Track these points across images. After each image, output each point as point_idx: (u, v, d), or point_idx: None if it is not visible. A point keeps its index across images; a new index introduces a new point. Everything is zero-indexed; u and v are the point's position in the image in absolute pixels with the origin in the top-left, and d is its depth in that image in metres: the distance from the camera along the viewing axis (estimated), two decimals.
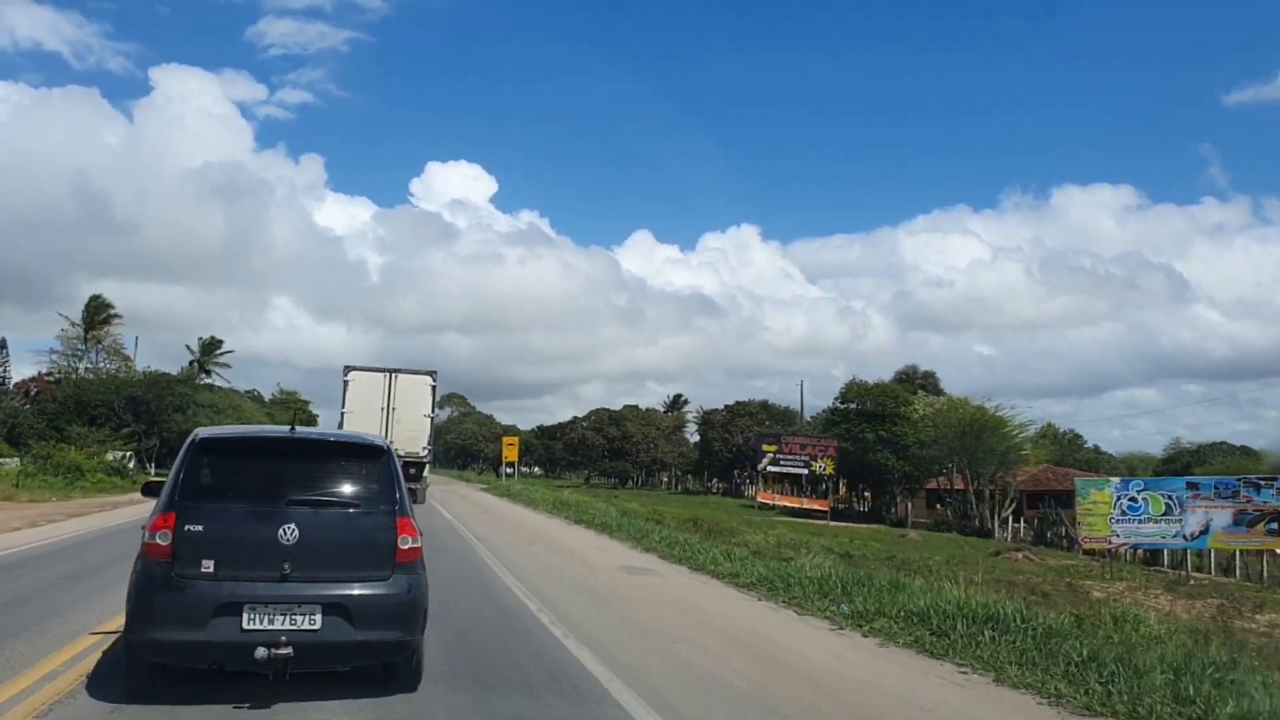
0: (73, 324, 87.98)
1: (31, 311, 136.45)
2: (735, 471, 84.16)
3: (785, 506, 44.09)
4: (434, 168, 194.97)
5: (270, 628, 6.53)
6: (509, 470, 54.54)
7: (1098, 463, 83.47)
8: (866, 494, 72.95)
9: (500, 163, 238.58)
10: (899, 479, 60.57)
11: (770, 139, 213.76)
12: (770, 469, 35.81)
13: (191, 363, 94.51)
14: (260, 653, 6.40)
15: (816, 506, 32.36)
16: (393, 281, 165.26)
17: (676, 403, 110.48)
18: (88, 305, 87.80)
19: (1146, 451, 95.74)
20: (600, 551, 19.27)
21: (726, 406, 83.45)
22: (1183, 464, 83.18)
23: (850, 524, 57.49)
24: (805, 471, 35.21)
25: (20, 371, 79.74)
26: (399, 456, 25.32)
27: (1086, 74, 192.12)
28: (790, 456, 34.75)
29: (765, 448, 35.06)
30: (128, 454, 56.01)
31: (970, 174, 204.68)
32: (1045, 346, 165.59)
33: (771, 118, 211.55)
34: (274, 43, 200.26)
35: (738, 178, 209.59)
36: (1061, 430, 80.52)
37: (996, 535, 51.95)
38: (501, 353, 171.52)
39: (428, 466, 34.16)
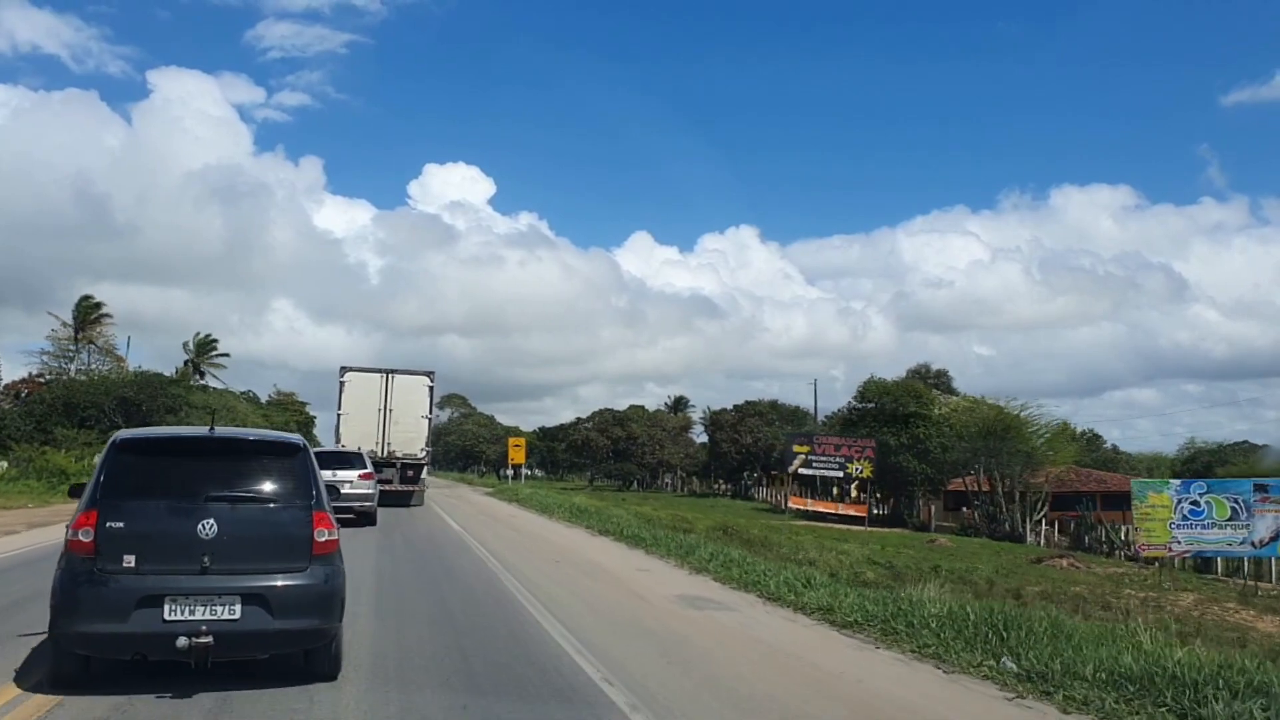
0: (64, 324, 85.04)
1: (33, 315, 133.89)
2: (745, 473, 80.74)
3: (818, 512, 40.37)
4: (432, 169, 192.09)
5: (191, 618, 6.71)
6: (514, 473, 50.98)
7: (1116, 462, 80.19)
8: (877, 496, 69.62)
9: (499, 164, 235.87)
10: (921, 481, 57.17)
11: (768, 140, 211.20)
12: (802, 471, 32.16)
13: (186, 362, 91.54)
14: (181, 642, 6.57)
15: (853, 512, 29.05)
16: (392, 283, 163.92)
17: (679, 404, 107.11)
18: (78, 305, 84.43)
19: (1157, 451, 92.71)
20: (644, 574, 15.79)
21: (735, 406, 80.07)
22: (1202, 464, 79.98)
23: (872, 529, 54.10)
24: (840, 474, 31.64)
25: (14, 374, 76.32)
26: (397, 458, 27.19)
27: (1084, 75, 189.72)
28: (824, 458, 31.21)
29: (796, 449, 31.56)
30: None
31: (968, 175, 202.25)
32: (1044, 347, 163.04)
33: (769, 119, 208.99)
34: (272, 45, 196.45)
35: (736, 179, 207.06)
36: (1079, 430, 76.98)
37: (1028, 540, 48.62)
38: (501, 354, 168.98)
39: (426, 468, 33.19)
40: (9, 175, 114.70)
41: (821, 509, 34.82)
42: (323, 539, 7.29)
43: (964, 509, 54.18)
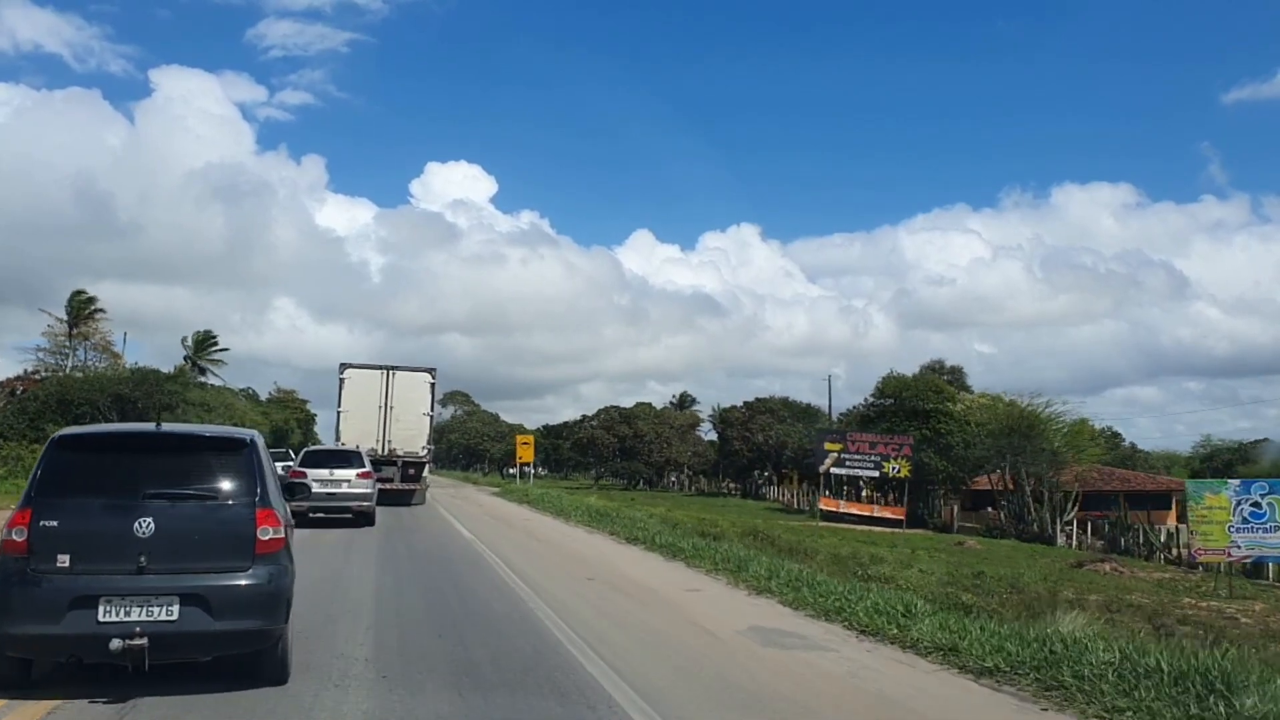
0: (59, 320, 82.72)
1: (34, 314, 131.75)
2: (755, 472, 78.10)
3: (853, 514, 37.46)
4: (434, 168, 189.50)
5: (126, 620, 6.47)
6: (522, 471, 48.24)
7: (1134, 460, 77.62)
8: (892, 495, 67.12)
9: (500, 163, 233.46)
10: (943, 480, 54.55)
11: (769, 138, 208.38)
12: (835, 471, 29.54)
13: (185, 359, 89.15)
14: (115, 644, 6.35)
15: (890, 515, 26.52)
16: (394, 282, 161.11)
17: (684, 402, 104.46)
18: (71, 300, 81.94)
19: (1166, 449, 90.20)
20: (697, 596, 13.08)
21: (746, 403, 77.36)
22: (1223, 462, 77.54)
23: (894, 530, 51.51)
24: (876, 474, 29.00)
25: (9, 371, 74.40)
26: (398, 456, 28.13)
27: (1085, 73, 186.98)
28: (858, 456, 28.69)
29: (828, 446, 28.92)
30: None
31: (969, 173, 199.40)
32: (1045, 344, 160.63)
33: (770, 118, 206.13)
34: (274, 44, 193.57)
35: (737, 177, 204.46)
36: (1099, 428, 74.24)
37: (1058, 541, 46.01)
38: (502, 353, 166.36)
39: (428, 466, 32.68)
40: (11, 174, 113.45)
41: (855, 510, 31.97)
42: (266, 537, 6.99)
43: (988, 509, 51.52)
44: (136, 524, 6.68)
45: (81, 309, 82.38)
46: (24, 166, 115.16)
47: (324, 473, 20.88)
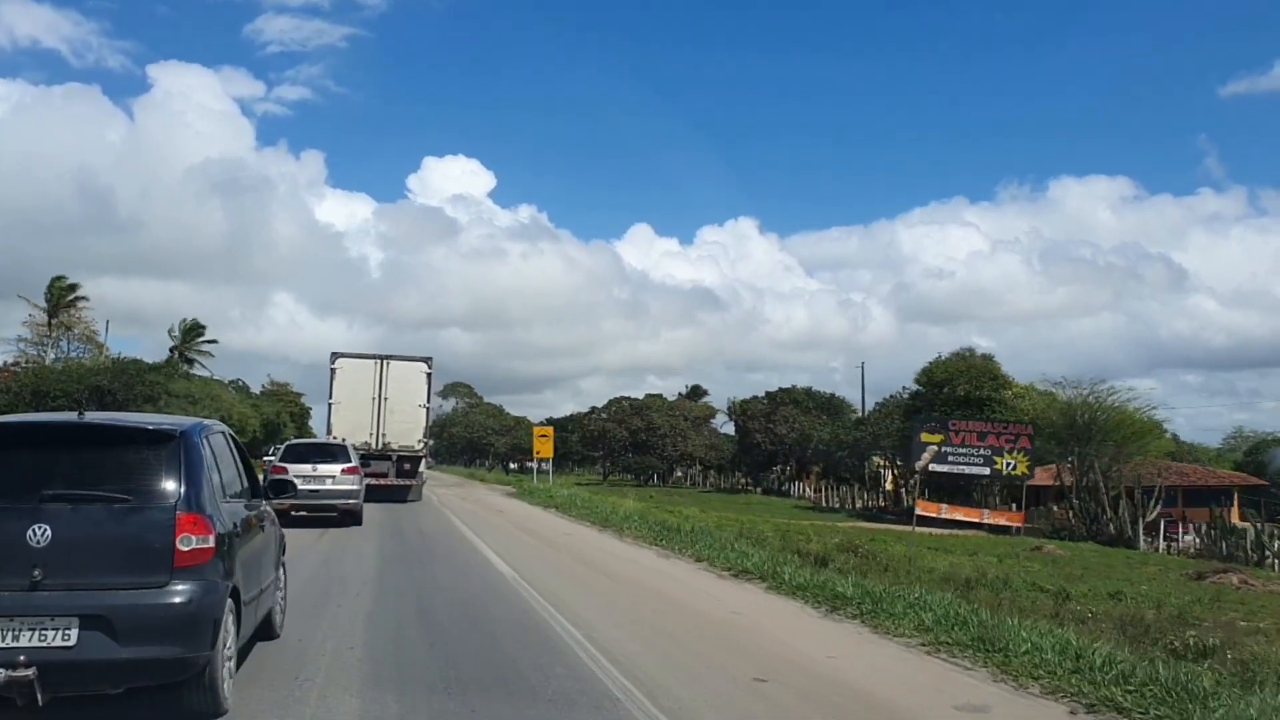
0: (38, 308, 76.68)
1: (17, 303, 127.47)
2: (778, 467, 72.04)
3: (958, 520, 30.83)
4: (431, 162, 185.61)
5: (13, 645, 5.44)
6: (540, 467, 41.87)
7: (1178, 454, 71.68)
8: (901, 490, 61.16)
9: (498, 157, 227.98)
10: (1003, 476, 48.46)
11: (765, 132, 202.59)
12: (934, 468, 23.77)
13: (172, 349, 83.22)
14: None
15: (1006, 521, 21.13)
16: (392, 276, 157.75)
17: (695, 393, 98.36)
18: (51, 287, 75.78)
19: (1198, 442, 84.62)
20: (892, 675, 6.85)
21: (768, 394, 71.33)
22: (1267, 456, 71.64)
23: (954, 532, 45.54)
24: (986, 472, 23.29)
25: None
26: (393, 450, 26.86)
27: (1081, 66, 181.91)
28: (964, 450, 23.11)
29: (925, 437, 23.24)
30: None
31: (967, 166, 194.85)
32: (1044, 337, 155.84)
33: (766, 112, 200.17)
34: (272, 39, 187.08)
35: (734, 171, 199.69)
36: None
37: (1140, 544, 40.00)
38: (502, 347, 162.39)
39: (425, 461, 31.15)
40: (11, 170, 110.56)
41: (961, 516, 25.70)
42: (188, 547, 5.84)
43: (1052, 507, 45.45)
44: (31, 531, 5.61)
45: (62, 296, 76.14)
46: (23, 162, 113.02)
47: (306, 468, 18.87)
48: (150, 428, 6.46)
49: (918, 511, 24.79)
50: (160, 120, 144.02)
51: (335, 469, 20.06)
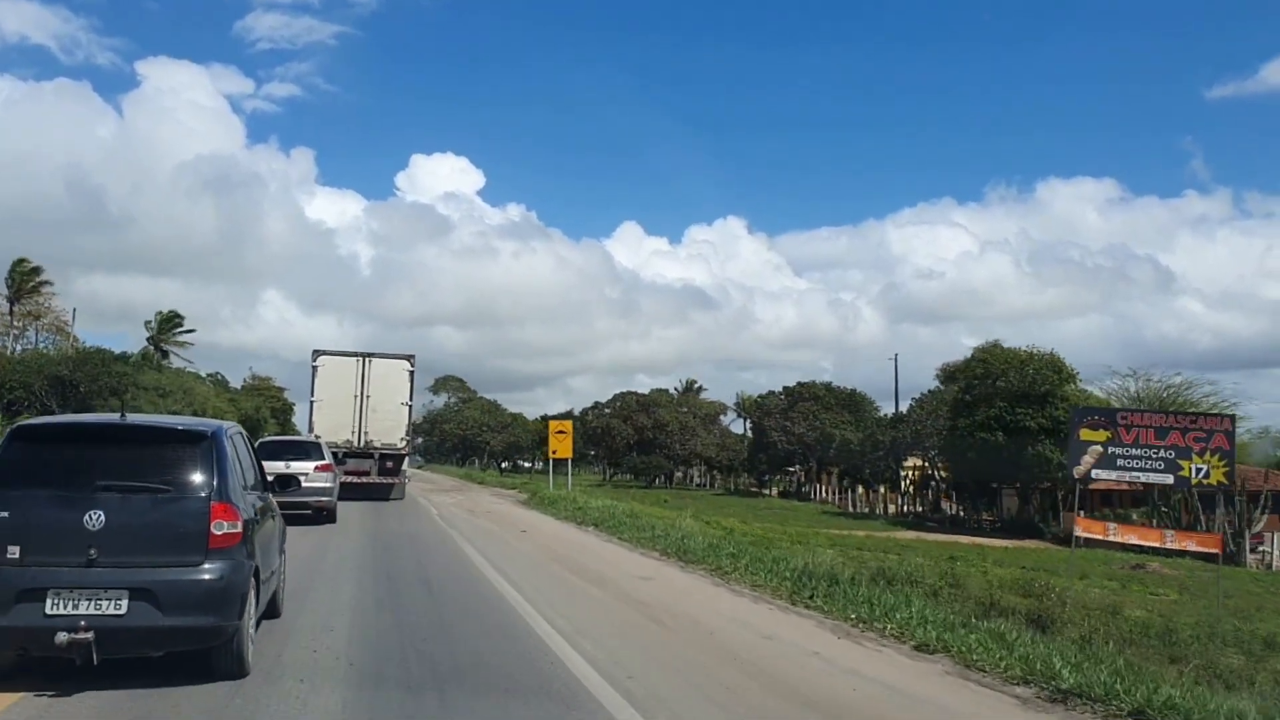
0: None
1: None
2: (795, 468, 65.75)
3: (1133, 544, 23.86)
4: (419, 160, 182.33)
5: (74, 613, 6.12)
6: (555, 468, 35.13)
7: None
8: (946, 497, 55.02)
9: (486, 156, 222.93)
10: (1063, 479, 42.30)
11: (753, 132, 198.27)
12: (1099, 473, 18.01)
13: (147, 340, 76.44)
14: (61, 638, 6.00)
15: (1197, 546, 16.11)
16: (382, 274, 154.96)
17: (689, 389, 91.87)
18: (12, 271, 68.62)
19: None
20: None
21: (785, 389, 64.91)
22: None
23: (982, 540, 39.49)
24: (1169, 479, 17.68)
25: None
26: (375, 448, 27.83)
27: (1068, 69, 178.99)
28: (1139, 450, 17.61)
29: (1085, 434, 17.38)
30: None
31: (954, 167, 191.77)
32: (1034, 338, 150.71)
33: (754, 112, 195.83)
34: (262, 36, 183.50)
35: (722, 170, 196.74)
36: None
37: (1248, 561, 33.95)
38: (492, 345, 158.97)
39: (407, 459, 30.45)
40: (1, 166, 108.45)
41: (1136, 539, 19.25)
42: (221, 531, 6.54)
43: (1132, 515, 39.33)
44: (87, 516, 6.29)
45: (24, 281, 69.00)
46: (13, 158, 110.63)
47: (279, 465, 17.25)
48: (183, 428, 7.27)
49: (1079, 533, 18.29)
50: (150, 117, 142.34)
51: (308, 466, 19.45)
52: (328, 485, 19.67)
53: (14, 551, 6.18)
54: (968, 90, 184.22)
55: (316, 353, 29.01)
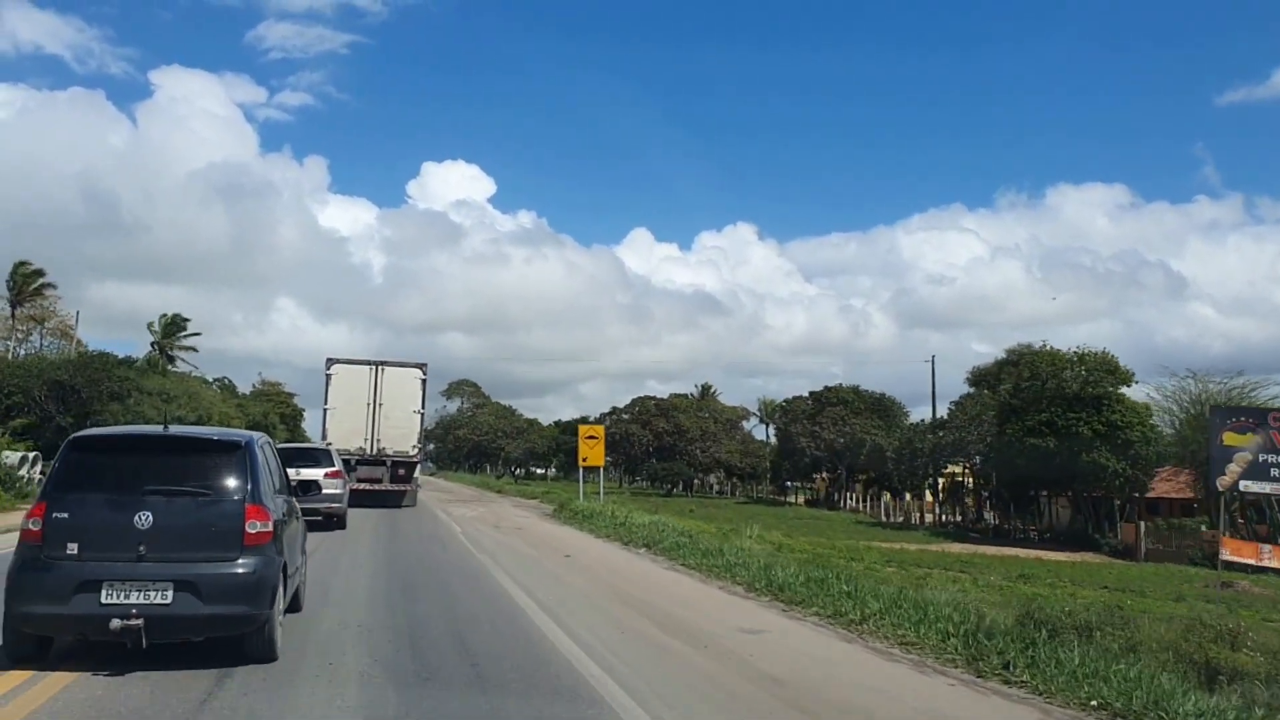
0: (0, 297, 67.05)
1: None
2: (822, 474, 62.58)
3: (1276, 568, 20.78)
4: (430, 168, 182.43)
5: (125, 602, 6.72)
6: (586, 478, 31.97)
7: None
8: (994, 506, 51.95)
9: (497, 163, 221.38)
10: (1120, 487, 39.29)
11: (762, 137, 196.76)
12: (1247, 487, 15.07)
13: (152, 344, 73.79)
14: (115, 624, 6.60)
15: None
16: (393, 281, 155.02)
17: (704, 394, 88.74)
18: (14, 274, 65.87)
19: None
20: None
21: (812, 393, 61.78)
22: None
23: (1038, 552, 36.42)
24: None
25: None
26: (387, 456, 28.17)
27: (1079, 74, 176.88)
28: None
29: (1229, 439, 14.46)
30: (33, 454, 35.90)
31: (964, 173, 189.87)
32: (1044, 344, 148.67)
33: (763, 118, 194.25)
34: (274, 46, 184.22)
35: (732, 176, 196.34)
36: None
37: None
38: (502, 352, 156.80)
39: (419, 467, 30.48)
40: (15, 174, 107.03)
41: None
42: (254, 530, 7.16)
43: (1201, 528, 36.16)
44: (137, 517, 6.88)
45: (25, 283, 66.24)
46: (28, 166, 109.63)
47: (289, 472, 14.50)
48: (219, 439, 7.90)
49: (1225, 555, 15.35)
50: (163, 125, 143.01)
51: (318, 473, 19.55)
52: (338, 492, 19.90)
53: (73, 548, 6.80)
54: (977, 96, 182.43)
55: (330, 361, 29.11)
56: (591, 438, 28.84)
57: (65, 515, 6.83)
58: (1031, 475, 41.39)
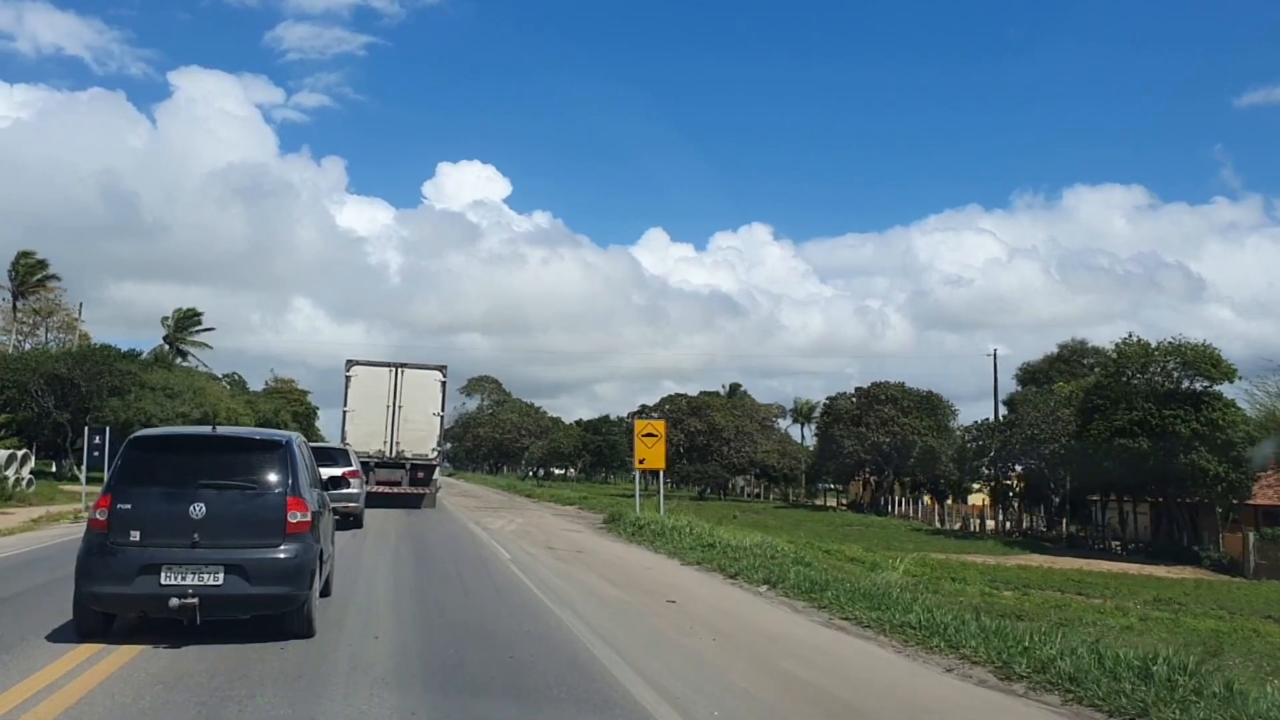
0: (2, 287, 63.67)
1: None
2: (863, 478, 58.13)
3: None
4: (446, 169, 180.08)
5: (182, 583, 7.44)
6: (642, 481, 27.78)
7: None
8: (1059, 513, 47.47)
9: (513, 164, 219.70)
10: (1223, 493, 34.80)
11: (777, 139, 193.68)
12: None
13: (164, 339, 70.45)
14: (173, 603, 7.32)
15: None
16: (411, 282, 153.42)
17: (734, 393, 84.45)
18: (16, 265, 62.25)
19: None
20: None
21: (858, 390, 57.31)
22: None
23: (1136, 567, 32.07)
24: None
25: None
26: (407, 458, 28.13)
27: (1096, 75, 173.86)
28: None
29: None
30: (21, 453, 32.18)
31: (980, 174, 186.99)
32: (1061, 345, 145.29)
33: (778, 119, 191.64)
34: (291, 47, 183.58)
35: (746, 177, 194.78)
36: None
37: None
38: (518, 352, 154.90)
39: (438, 469, 30.38)
40: (36, 175, 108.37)
41: None
42: (295, 520, 7.83)
43: None
44: (191, 507, 7.58)
45: (28, 274, 62.55)
46: (48, 167, 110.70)
47: None
48: (262, 438, 8.69)
49: None
50: (183, 126, 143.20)
51: (335, 473, 19.26)
52: (355, 491, 20.26)
53: (135, 535, 7.58)
54: (994, 98, 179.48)
55: (350, 363, 28.88)
56: (650, 435, 23.99)
57: (128, 506, 7.61)
58: (1117, 479, 36.98)
